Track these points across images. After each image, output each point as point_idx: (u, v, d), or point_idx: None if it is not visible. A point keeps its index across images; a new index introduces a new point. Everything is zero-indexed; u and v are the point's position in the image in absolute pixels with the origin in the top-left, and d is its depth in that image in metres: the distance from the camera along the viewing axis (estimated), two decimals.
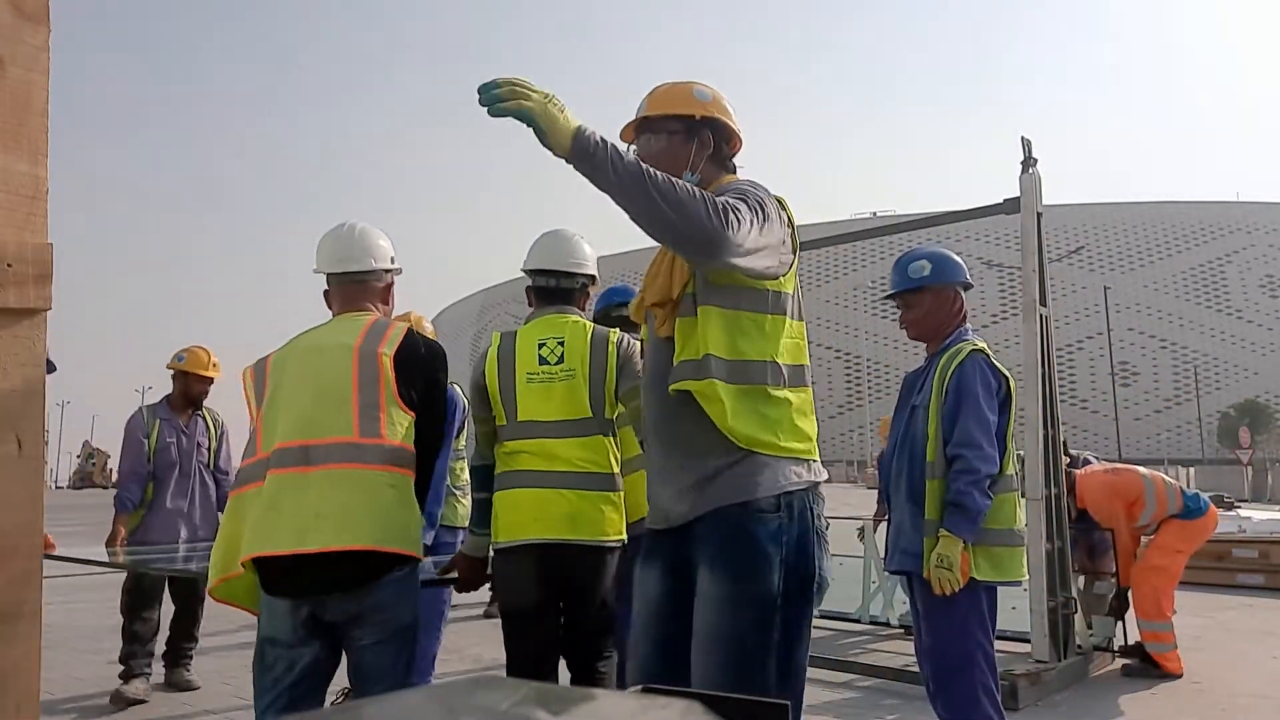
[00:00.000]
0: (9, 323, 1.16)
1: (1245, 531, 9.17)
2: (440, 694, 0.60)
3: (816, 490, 1.92)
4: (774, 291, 1.89)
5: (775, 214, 1.87)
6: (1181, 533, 5.10)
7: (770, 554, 1.79)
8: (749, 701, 0.60)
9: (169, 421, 4.85)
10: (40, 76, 1.21)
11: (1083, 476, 5.30)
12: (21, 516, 1.15)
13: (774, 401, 1.86)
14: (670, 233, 1.68)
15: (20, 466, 1.16)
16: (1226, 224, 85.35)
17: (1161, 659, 4.93)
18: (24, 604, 1.14)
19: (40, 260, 1.18)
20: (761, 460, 1.84)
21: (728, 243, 1.68)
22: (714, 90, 2.07)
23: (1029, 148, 5.06)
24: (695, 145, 1.99)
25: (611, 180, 1.62)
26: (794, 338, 1.94)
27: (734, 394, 1.83)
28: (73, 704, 4.46)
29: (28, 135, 1.19)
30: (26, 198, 1.18)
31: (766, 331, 1.88)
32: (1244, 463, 31.22)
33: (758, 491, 1.81)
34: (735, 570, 1.80)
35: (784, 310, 1.91)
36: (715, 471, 1.85)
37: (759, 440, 1.84)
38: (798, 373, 1.93)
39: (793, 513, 1.83)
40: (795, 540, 1.81)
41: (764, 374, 1.86)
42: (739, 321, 1.86)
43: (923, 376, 3.03)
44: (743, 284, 1.86)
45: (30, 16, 1.21)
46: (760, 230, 1.77)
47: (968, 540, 2.68)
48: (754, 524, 1.80)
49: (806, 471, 1.89)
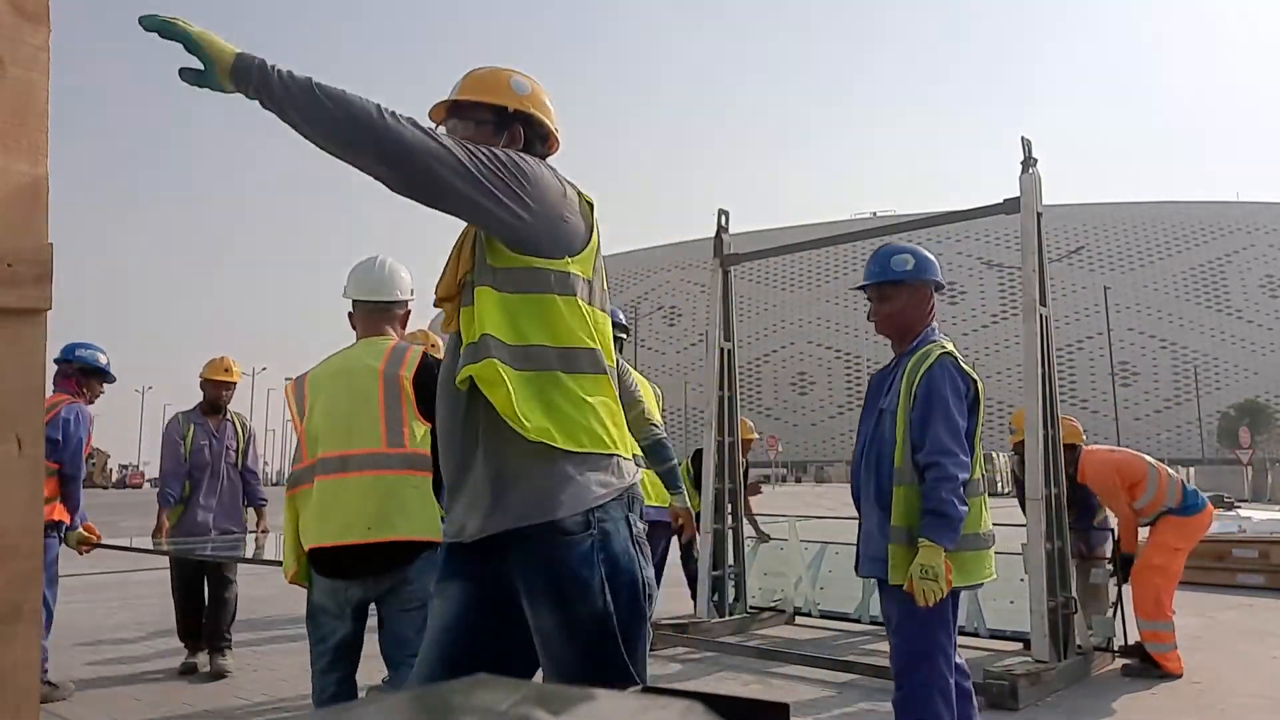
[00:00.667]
0: (9, 323, 1.16)
1: (1245, 531, 9.18)
2: (440, 694, 0.60)
3: (630, 495, 1.78)
4: (558, 272, 1.76)
5: (549, 180, 1.78)
6: (1179, 530, 5.12)
7: (588, 577, 1.67)
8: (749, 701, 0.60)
9: (202, 426, 5.35)
10: (40, 76, 1.21)
11: (1088, 451, 5.34)
12: (21, 516, 1.15)
13: (566, 390, 1.73)
14: (354, 146, 1.56)
15: (20, 466, 1.16)
16: (1226, 224, 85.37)
17: (1161, 659, 4.94)
18: (24, 604, 1.14)
19: (40, 260, 1.18)
20: (561, 465, 1.69)
21: (428, 155, 1.58)
22: (534, 83, 1.98)
23: (1029, 148, 5.07)
24: (504, 138, 1.89)
25: (279, 93, 1.51)
26: (593, 325, 1.81)
27: (518, 379, 1.71)
28: (73, 705, 4.46)
29: (28, 135, 1.19)
30: (26, 198, 1.18)
31: (554, 314, 1.75)
32: (1244, 463, 31.24)
33: (559, 511, 1.67)
34: (558, 600, 1.68)
35: (573, 293, 1.77)
36: (513, 475, 1.71)
37: (552, 432, 1.70)
38: (594, 360, 1.79)
39: (605, 526, 1.71)
40: (613, 556, 1.70)
41: (552, 359, 1.74)
42: (520, 303, 1.75)
43: (890, 378, 2.97)
44: (523, 264, 1.74)
45: (30, 16, 1.21)
46: (499, 173, 1.67)
47: (949, 548, 2.64)
48: (564, 550, 1.67)
49: (614, 476, 1.76)
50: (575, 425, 1.72)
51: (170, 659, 5.37)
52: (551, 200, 1.77)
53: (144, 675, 5.03)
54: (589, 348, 1.79)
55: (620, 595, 1.70)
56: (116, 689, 4.72)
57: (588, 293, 1.83)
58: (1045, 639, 4.62)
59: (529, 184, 1.73)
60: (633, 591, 1.72)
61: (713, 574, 6.24)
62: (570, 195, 1.84)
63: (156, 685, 4.81)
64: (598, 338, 1.82)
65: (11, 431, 1.15)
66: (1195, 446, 66.23)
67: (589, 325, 1.80)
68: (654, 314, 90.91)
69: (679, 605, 6.84)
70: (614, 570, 1.69)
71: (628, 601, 1.71)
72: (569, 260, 1.78)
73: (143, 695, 4.59)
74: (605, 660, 1.68)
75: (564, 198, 1.81)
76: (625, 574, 1.71)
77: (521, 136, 1.92)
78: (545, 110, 1.97)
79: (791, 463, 71.48)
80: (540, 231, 1.75)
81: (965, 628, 5.75)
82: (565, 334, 1.76)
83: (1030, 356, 4.96)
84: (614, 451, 1.78)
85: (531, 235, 1.74)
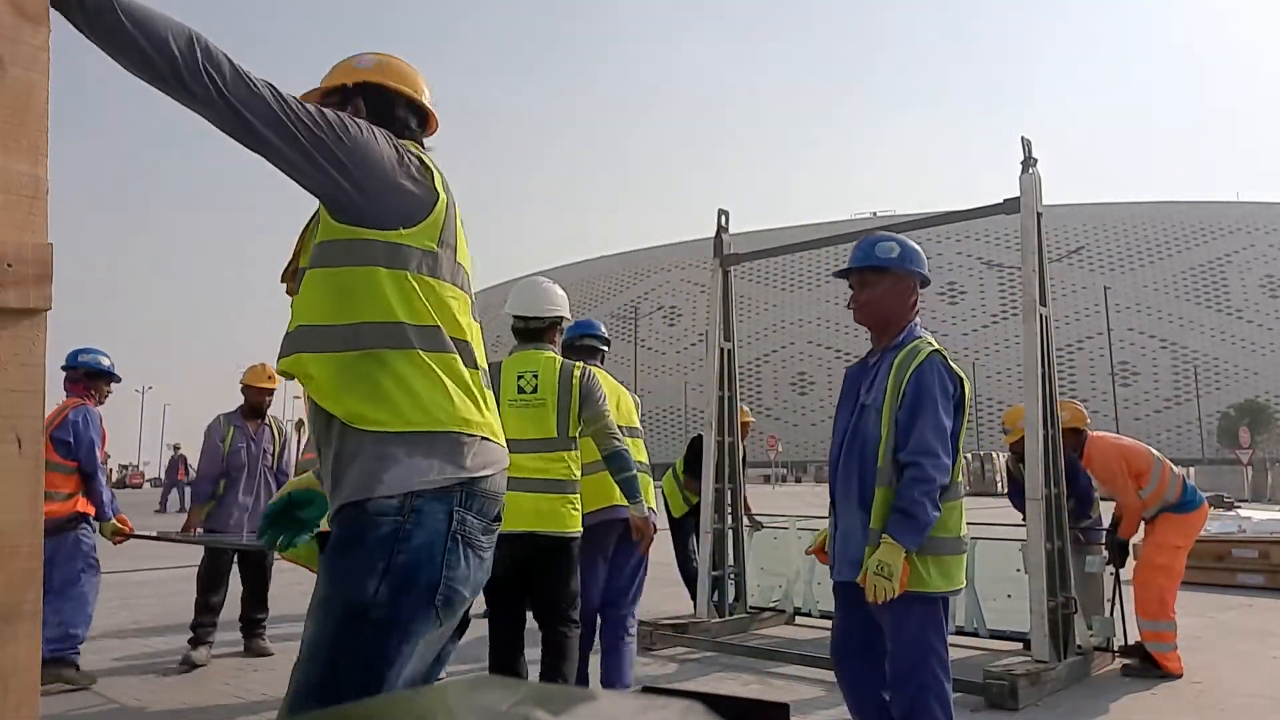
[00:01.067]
0: (9, 323, 1.16)
1: (1245, 531, 9.17)
2: (440, 694, 0.60)
3: (473, 487, 1.67)
4: (387, 243, 1.68)
5: (378, 144, 1.69)
6: (1178, 527, 5.14)
7: (372, 560, 1.57)
8: (749, 701, 0.60)
9: (241, 429, 5.68)
10: (40, 76, 1.22)
11: (1095, 437, 5.35)
12: (21, 516, 1.15)
13: (393, 369, 1.65)
14: (162, 81, 1.47)
15: (20, 466, 1.16)
16: (1226, 224, 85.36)
17: (1162, 658, 4.94)
18: (24, 604, 1.14)
19: (40, 260, 1.18)
20: (389, 446, 1.62)
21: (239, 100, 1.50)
22: (387, 59, 1.94)
23: (1029, 148, 5.07)
24: (350, 112, 1.85)
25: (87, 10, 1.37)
26: (438, 299, 1.72)
27: (337, 362, 1.65)
28: (72, 703, 4.46)
29: (28, 135, 1.19)
30: (26, 198, 1.18)
31: (380, 289, 1.66)
32: (1244, 463, 31.19)
33: (378, 489, 1.60)
34: (333, 574, 1.62)
35: (405, 266, 1.69)
36: (349, 455, 1.65)
37: (369, 416, 1.63)
38: (431, 337, 1.70)
39: (422, 516, 1.60)
40: (417, 547, 1.59)
41: (377, 337, 1.65)
42: (344, 277, 1.68)
43: (871, 373, 2.86)
44: (348, 235, 1.67)
45: (30, 16, 1.21)
46: (315, 129, 1.59)
47: (910, 550, 2.56)
48: (364, 527, 1.60)
49: (453, 464, 1.65)
50: (403, 405, 1.64)
51: (171, 659, 5.37)
52: (377, 163, 1.68)
53: (145, 674, 5.02)
54: (424, 325, 1.69)
55: (405, 589, 1.58)
56: (117, 689, 4.71)
57: (432, 265, 1.73)
58: (1045, 639, 4.62)
59: (349, 144, 1.64)
60: (421, 589, 1.59)
61: (713, 574, 6.23)
62: (409, 162, 1.74)
63: (157, 684, 4.81)
64: (443, 313, 1.73)
65: (11, 431, 1.15)
66: (1195, 446, 66.21)
67: (423, 301, 1.70)
68: (654, 314, 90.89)
69: (679, 605, 6.84)
70: (409, 563, 1.58)
71: (413, 600, 1.59)
72: (403, 231, 1.70)
73: (143, 695, 4.59)
74: (350, 646, 1.56)
75: (400, 164, 1.72)
76: (423, 569, 1.59)
77: (363, 109, 1.88)
78: (397, 78, 1.91)
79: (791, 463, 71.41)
80: (365, 198, 1.67)
81: (965, 628, 5.75)
82: (392, 310, 1.67)
83: (1030, 356, 4.96)
84: (454, 430, 1.67)
85: (353, 202, 1.67)
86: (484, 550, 1.71)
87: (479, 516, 1.68)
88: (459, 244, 1.82)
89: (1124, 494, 5.15)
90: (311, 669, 1.57)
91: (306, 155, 1.60)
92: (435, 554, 1.61)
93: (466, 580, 1.65)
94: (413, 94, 1.93)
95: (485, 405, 1.78)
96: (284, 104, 1.57)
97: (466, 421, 1.69)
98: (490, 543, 1.73)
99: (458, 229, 1.83)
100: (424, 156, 1.82)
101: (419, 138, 1.96)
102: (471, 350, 1.79)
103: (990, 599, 5.72)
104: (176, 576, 9.21)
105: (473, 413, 1.72)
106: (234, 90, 1.51)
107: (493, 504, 1.73)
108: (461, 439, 1.68)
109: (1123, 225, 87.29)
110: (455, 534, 1.63)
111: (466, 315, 1.80)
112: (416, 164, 1.76)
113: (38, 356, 1.19)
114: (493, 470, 1.72)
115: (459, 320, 1.76)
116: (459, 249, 1.81)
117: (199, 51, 1.47)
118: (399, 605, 1.57)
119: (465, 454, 1.68)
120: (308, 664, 1.58)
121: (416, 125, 1.95)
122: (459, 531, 1.64)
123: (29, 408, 1.17)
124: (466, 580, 1.65)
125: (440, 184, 1.79)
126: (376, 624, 1.56)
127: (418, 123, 1.95)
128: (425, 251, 1.72)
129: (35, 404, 1.18)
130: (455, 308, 1.76)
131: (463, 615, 1.75)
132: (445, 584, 1.61)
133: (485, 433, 1.73)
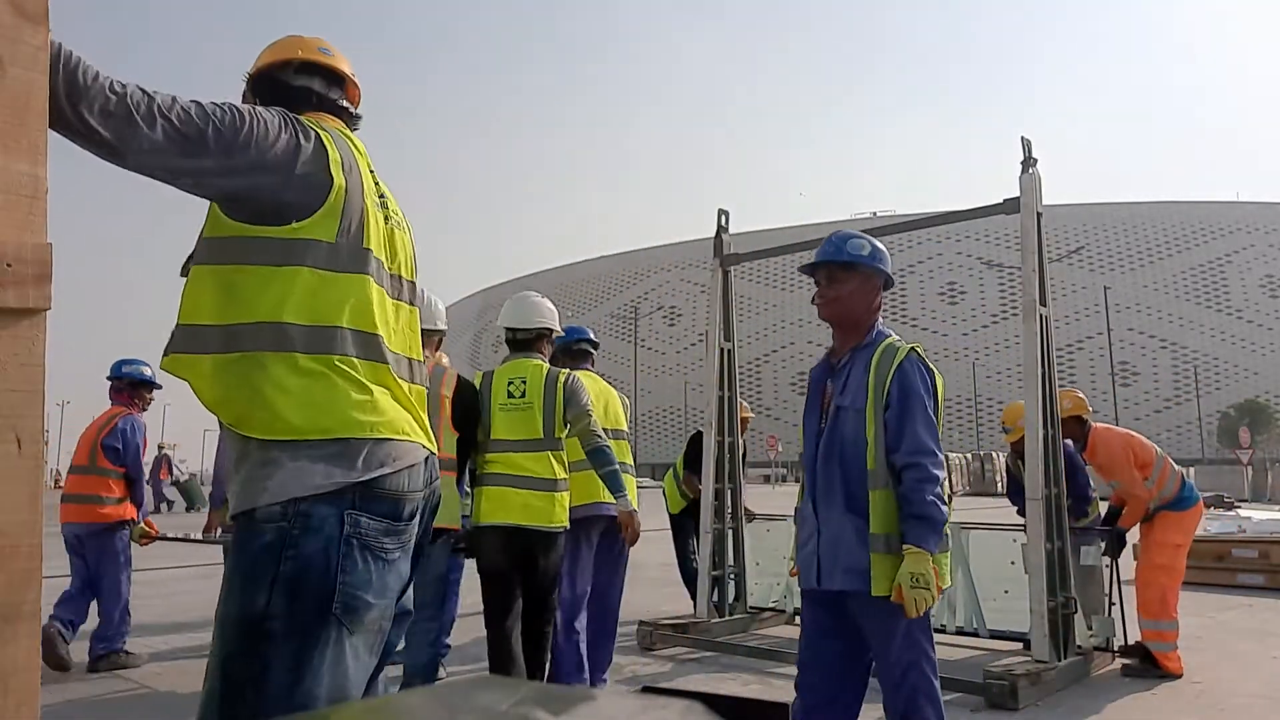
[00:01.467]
0: (9, 323, 1.16)
1: (1245, 531, 9.18)
2: (440, 694, 0.60)
3: (368, 489, 1.58)
4: (283, 240, 1.58)
5: (271, 132, 1.57)
6: (1176, 525, 5.16)
7: (260, 571, 1.51)
8: (749, 701, 0.60)
9: None
10: (40, 76, 1.21)
11: (1101, 428, 5.38)
12: (21, 516, 1.15)
13: (275, 372, 1.56)
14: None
15: (20, 466, 1.16)
16: (1226, 224, 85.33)
17: (1163, 658, 4.94)
18: (24, 604, 1.14)
19: (40, 260, 1.18)
20: (273, 451, 1.55)
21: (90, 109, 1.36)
22: (282, 41, 1.88)
23: (1029, 148, 5.07)
24: (251, 97, 1.84)
25: None
26: (338, 294, 1.62)
27: (218, 364, 1.57)
28: (72, 703, 4.46)
29: (28, 135, 1.19)
30: (26, 198, 1.18)
31: (268, 289, 1.57)
32: (1244, 463, 31.20)
33: (261, 498, 1.54)
34: (228, 585, 1.56)
35: (302, 261, 1.59)
36: (239, 459, 1.61)
37: (251, 421, 1.56)
38: (326, 336, 1.60)
39: (310, 521, 1.53)
40: (305, 555, 1.52)
41: (263, 338, 1.56)
42: (231, 276, 1.58)
43: (843, 373, 2.77)
44: (236, 232, 1.58)
45: (30, 16, 1.21)
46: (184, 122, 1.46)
47: (934, 553, 2.51)
48: (249, 537, 1.54)
49: (342, 467, 1.56)
50: (284, 410, 1.55)
51: (170, 658, 5.37)
52: (269, 158, 1.56)
53: (146, 674, 5.02)
54: (314, 325, 1.59)
55: (297, 598, 1.51)
56: (117, 688, 4.71)
57: (331, 257, 1.62)
58: (1045, 639, 4.62)
59: (237, 142, 1.52)
60: (317, 596, 1.52)
61: (712, 574, 6.23)
62: (302, 147, 1.61)
63: (159, 683, 4.80)
64: (343, 308, 1.62)
65: (11, 431, 1.15)
66: (1195, 446, 66.18)
67: (317, 298, 1.60)
68: (654, 314, 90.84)
69: (679, 605, 6.84)
70: (300, 570, 1.52)
71: (308, 609, 1.52)
72: (295, 225, 1.59)
73: (143, 694, 4.59)
74: (243, 658, 1.51)
75: (293, 151, 1.60)
76: (315, 576, 1.52)
77: (252, 97, 1.84)
78: (288, 51, 1.84)
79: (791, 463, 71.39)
80: (252, 192, 1.56)
81: (965, 628, 5.75)
82: (277, 309, 1.57)
83: (1030, 356, 4.96)
84: (342, 436, 1.57)
85: (244, 200, 1.57)
86: (389, 552, 1.61)
87: (378, 518, 1.59)
88: (369, 226, 1.69)
89: (1130, 483, 5.14)
90: (214, 679, 1.52)
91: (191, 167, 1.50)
92: (327, 559, 1.53)
93: (369, 584, 1.57)
94: (290, 57, 1.83)
95: (393, 400, 1.69)
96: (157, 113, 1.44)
97: (359, 424, 1.60)
98: (399, 543, 1.64)
99: (366, 210, 1.69)
100: (323, 135, 1.67)
101: (337, 101, 1.85)
102: (379, 343, 1.67)
103: (990, 599, 5.72)
104: (178, 576, 9.22)
105: (369, 412, 1.62)
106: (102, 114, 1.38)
107: (397, 503, 1.63)
108: (351, 442, 1.58)
109: (1123, 225, 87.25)
110: (349, 538, 1.55)
111: (378, 305, 1.68)
112: (311, 147, 1.63)
113: (37, 356, 1.19)
114: (392, 469, 1.62)
115: (366, 313, 1.65)
116: (369, 231, 1.69)
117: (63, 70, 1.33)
118: (292, 615, 1.50)
119: (355, 457, 1.58)
120: (210, 674, 1.54)
121: (321, 89, 1.84)
122: (353, 535, 1.56)
123: (29, 408, 1.17)
124: (369, 584, 1.57)
125: (336, 166, 1.65)
126: (270, 635, 1.50)
127: (322, 85, 1.84)
128: (322, 244, 1.61)
129: (35, 404, 1.18)
130: (360, 300, 1.65)
131: (392, 615, 1.68)
132: (342, 590, 1.53)
133: (386, 432, 1.63)
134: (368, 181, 1.73)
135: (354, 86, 1.92)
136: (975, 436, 69.90)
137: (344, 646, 1.55)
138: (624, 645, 5.89)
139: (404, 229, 1.86)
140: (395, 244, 1.79)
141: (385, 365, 1.68)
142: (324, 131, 1.69)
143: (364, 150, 1.82)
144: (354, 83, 1.91)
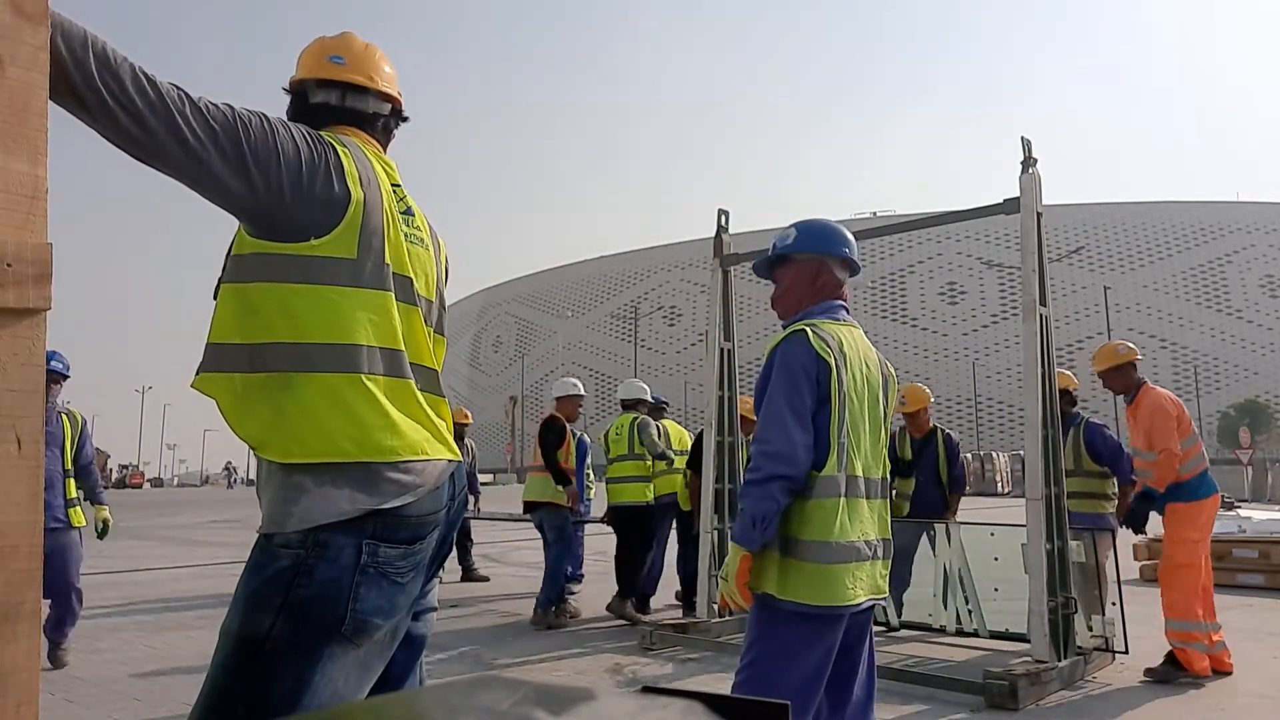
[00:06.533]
0: (9, 323, 1.16)
1: (1245, 531, 9.17)
2: (440, 694, 0.60)
3: (390, 517, 1.57)
4: (302, 257, 1.57)
5: (290, 145, 1.57)
6: (1188, 518, 5.03)
7: (268, 595, 1.50)
8: (749, 702, 0.60)
9: None
10: (40, 76, 1.21)
11: (1152, 387, 5.33)
12: (21, 516, 1.15)
13: (299, 393, 1.55)
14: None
15: (20, 466, 1.15)
16: (1226, 224, 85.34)
17: (1190, 658, 4.87)
18: (24, 604, 1.14)
19: (40, 260, 1.18)
20: (296, 476, 1.54)
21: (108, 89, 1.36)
22: (307, 52, 1.87)
23: (1029, 148, 5.07)
24: (294, 114, 1.84)
25: None
26: (360, 311, 1.60)
27: (245, 384, 1.56)
28: (72, 703, 4.46)
29: (28, 135, 1.19)
30: (26, 198, 1.18)
31: (290, 307, 1.56)
32: (1244, 463, 31.23)
33: (288, 524, 1.53)
34: (236, 602, 1.55)
35: (320, 280, 1.57)
36: (264, 483, 1.60)
37: (275, 444, 1.55)
38: (350, 355, 1.58)
39: (327, 551, 1.52)
40: (320, 581, 1.51)
41: (286, 359, 1.55)
42: (256, 294, 1.57)
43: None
44: (258, 250, 1.57)
45: (30, 16, 1.21)
46: (206, 121, 1.46)
47: (751, 549, 2.31)
48: (265, 559, 1.54)
49: (366, 493, 1.55)
50: (307, 435, 1.54)
51: (170, 658, 5.37)
52: (287, 172, 1.55)
53: (145, 674, 5.03)
54: (338, 344, 1.57)
55: (303, 624, 1.50)
56: (117, 688, 4.72)
57: (353, 274, 1.60)
58: (1045, 639, 4.62)
59: (256, 153, 1.52)
60: (323, 622, 1.51)
61: (712, 574, 6.23)
62: (323, 160, 1.61)
63: (157, 683, 4.80)
64: (367, 326, 1.61)
65: (11, 431, 1.15)
66: None
67: (339, 317, 1.58)
68: (654, 314, 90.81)
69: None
70: (309, 597, 1.50)
71: (310, 629, 1.50)
72: (314, 242, 1.57)
73: (143, 695, 4.59)
74: (239, 676, 1.50)
75: (312, 166, 1.59)
76: (326, 603, 1.51)
77: (292, 110, 1.84)
78: (301, 67, 1.84)
79: None
80: (272, 207, 1.55)
81: (965, 628, 5.75)
82: (300, 329, 1.56)
83: (1030, 356, 4.95)
84: (365, 460, 1.56)
85: (262, 215, 1.56)
86: (402, 575, 1.60)
87: (397, 545, 1.58)
88: (390, 240, 1.68)
89: (1168, 438, 5.02)
90: (208, 693, 1.51)
91: (210, 170, 1.49)
92: (340, 589, 1.52)
93: (380, 609, 1.56)
94: (304, 76, 1.84)
95: (414, 417, 1.66)
96: (186, 114, 1.45)
97: (382, 448, 1.58)
98: (414, 564, 1.63)
99: (387, 225, 1.68)
100: (340, 149, 1.66)
101: (360, 110, 1.84)
102: (401, 360, 1.66)
103: (989, 599, 5.71)
104: (179, 576, 9.23)
105: (391, 436, 1.60)
106: (127, 98, 1.39)
107: (416, 527, 1.62)
108: (374, 467, 1.57)
109: (1123, 225, 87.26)
110: (365, 567, 1.54)
111: (400, 320, 1.68)
112: (330, 161, 1.62)
113: (37, 356, 1.19)
114: (414, 496, 1.60)
115: (388, 328, 1.64)
116: (390, 246, 1.67)
117: (93, 56, 1.36)
118: (297, 637, 1.50)
119: (380, 483, 1.57)
120: (205, 686, 1.53)
121: (338, 102, 1.83)
122: (370, 564, 1.54)
123: (29, 408, 1.17)
124: (380, 609, 1.56)
125: (355, 179, 1.64)
126: (270, 655, 1.49)
127: (338, 98, 1.83)
128: (343, 260, 1.60)
129: (35, 404, 1.18)
130: (382, 316, 1.64)
131: (407, 620, 1.68)
132: (353, 616, 1.53)
133: (409, 454, 1.61)
134: (388, 195, 1.72)
135: (378, 91, 1.87)
136: (975, 436, 69.88)
137: (349, 659, 1.55)
138: (624, 645, 5.90)
139: (427, 246, 1.84)
140: (416, 260, 1.77)
141: (408, 380, 1.68)
142: (342, 146, 1.67)
143: (393, 165, 1.82)
144: (378, 89, 1.87)
